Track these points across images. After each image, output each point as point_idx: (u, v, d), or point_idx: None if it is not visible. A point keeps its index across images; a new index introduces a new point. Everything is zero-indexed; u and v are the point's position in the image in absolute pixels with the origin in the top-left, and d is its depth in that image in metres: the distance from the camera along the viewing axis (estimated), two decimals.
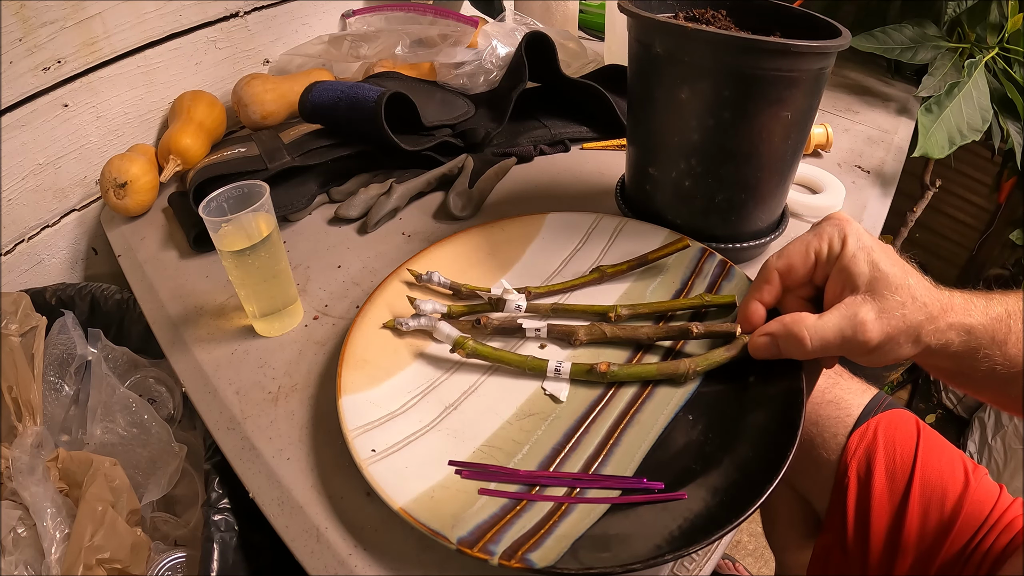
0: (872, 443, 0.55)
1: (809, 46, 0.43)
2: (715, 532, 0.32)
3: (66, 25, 0.62)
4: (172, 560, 0.44)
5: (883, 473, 0.53)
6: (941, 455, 0.54)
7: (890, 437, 0.55)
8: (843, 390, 0.59)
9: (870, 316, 0.37)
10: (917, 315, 0.37)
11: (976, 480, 0.52)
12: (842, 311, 0.38)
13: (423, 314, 0.47)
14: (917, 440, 0.54)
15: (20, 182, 0.63)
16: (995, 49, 0.74)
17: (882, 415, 0.57)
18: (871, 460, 0.54)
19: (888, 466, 0.53)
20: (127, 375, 0.57)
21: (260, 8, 0.79)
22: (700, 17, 0.53)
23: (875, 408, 0.58)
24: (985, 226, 1.33)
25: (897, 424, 0.56)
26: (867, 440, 0.55)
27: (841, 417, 0.57)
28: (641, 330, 0.47)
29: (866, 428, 0.56)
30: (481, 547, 0.33)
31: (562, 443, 0.41)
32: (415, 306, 0.48)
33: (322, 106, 0.66)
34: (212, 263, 0.60)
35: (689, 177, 0.51)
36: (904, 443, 0.54)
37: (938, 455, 0.53)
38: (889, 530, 0.52)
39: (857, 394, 0.59)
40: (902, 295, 0.37)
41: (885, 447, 0.54)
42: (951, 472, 0.52)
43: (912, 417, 0.57)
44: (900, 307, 0.37)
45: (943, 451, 0.54)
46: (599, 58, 0.89)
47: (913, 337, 0.37)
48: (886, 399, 0.59)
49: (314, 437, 0.43)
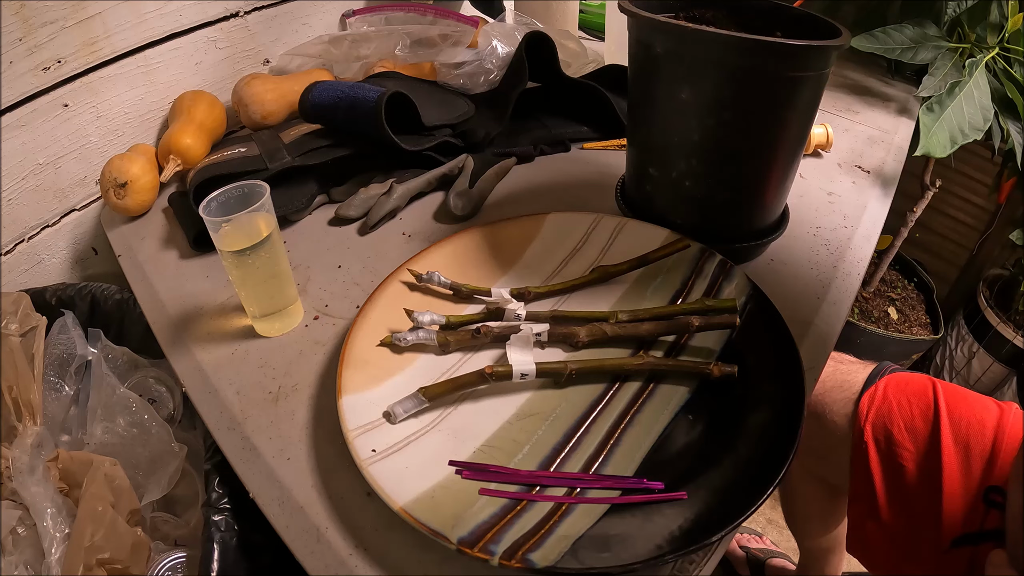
0: (883, 402, 0.54)
1: (809, 46, 0.43)
2: (715, 532, 0.32)
3: (66, 25, 0.62)
4: (172, 560, 0.44)
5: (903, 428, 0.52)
6: (967, 396, 0.52)
7: (902, 392, 0.54)
8: (844, 373, 0.59)
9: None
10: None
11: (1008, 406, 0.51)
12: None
13: (421, 326, 0.47)
14: (934, 388, 0.53)
15: (20, 182, 0.63)
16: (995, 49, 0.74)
17: (889, 376, 0.56)
18: (886, 419, 0.53)
19: (906, 420, 0.52)
20: (127, 375, 0.57)
21: (260, 8, 0.79)
22: (700, 17, 0.53)
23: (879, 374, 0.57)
24: (985, 226, 1.33)
25: (907, 380, 0.54)
26: (877, 401, 0.54)
27: (847, 396, 0.57)
28: (642, 327, 0.47)
29: (874, 390, 0.55)
30: (481, 547, 0.33)
31: (562, 443, 0.41)
32: (413, 318, 0.47)
33: (322, 106, 0.66)
34: (212, 263, 0.60)
35: (689, 177, 0.51)
36: (919, 393, 0.53)
37: (963, 397, 0.52)
38: (928, 482, 0.50)
39: (859, 371, 0.59)
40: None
41: (898, 403, 0.53)
42: (982, 406, 0.51)
43: (923, 376, 0.56)
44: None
45: (965, 393, 0.53)
46: (599, 58, 0.89)
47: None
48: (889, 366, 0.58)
49: (314, 437, 0.43)
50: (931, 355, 1.44)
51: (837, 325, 0.50)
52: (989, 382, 1.27)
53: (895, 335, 1.24)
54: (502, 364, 0.44)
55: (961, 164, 1.28)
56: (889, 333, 1.23)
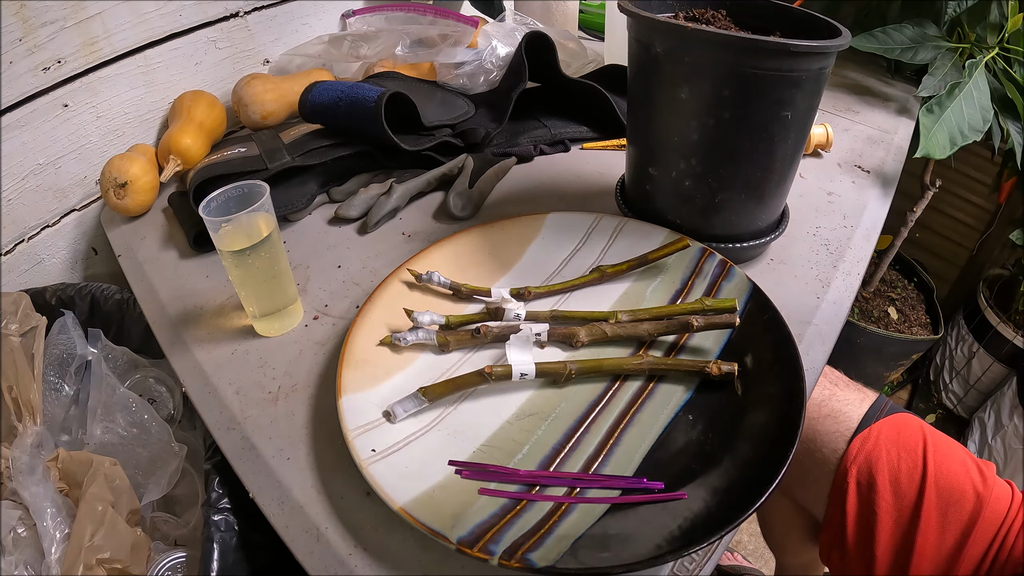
0: (874, 449, 0.54)
1: (809, 46, 0.43)
2: (715, 532, 0.32)
3: (66, 25, 0.62)
4: (172, 560, 0.44)
5: (887, 480, 0.53)
6: (952, 458, 0.53)
7: (893, 443, 0.54)
8: (840, 402, 0.58)
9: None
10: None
11: (990, 479, 0.51)
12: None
13: (421, 326, 0.47)
14: (924, 445, 0.53)
15: (20, 182, 0.63)
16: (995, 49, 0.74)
17: (884, 420, 0.56)
18: (873, 467, 0.53)
19: (892, 473, 0.53)
20: (127, 375, 0.57)
21: (260, 8, 0.79)
22: (700, 17, 0.53)
23: (875, 415, 0.57)
24: (985, 226, 1.33)
25: (900, 429, 0.55)
26: (868, 446, 0.54)
27: (840, 431, 0.57)
28: (642, 327, 0.47)
29: (867, 434, 0.55)
30: (481, 547, 0.33)
31: (562, 443, 0.41)
32: (413, 319, 0.47)
33: (322, 106, 0.66)
34: (212, 263, 0.60)
35: (689, 177, 0.51)
36: (910, 449, 0.53)
37: (949, 458, 0.53)
38: (900, 537, 0.51)
39: (855, 404, 0.58)
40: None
41: (888, 454, 0.53)
42: (964, 474, 0.52)
43: (916, 421, 0.56)
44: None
45: (953, 453, 0.53)
46: (599, 58, 0.89)
47: None
48: (887, 404, 0.58)
49: (314, 437, 0.43)
50: (931, 355, 1.44)
51: (837, 325, 0.50)
52: (989, 382, 1.27)
53: (895, 335, 1.24)
54: (502, 364, 0.44)
55: (961, 164, 1.29)
56: (889, 333, 1.23)
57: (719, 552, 0.37)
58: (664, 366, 0.44)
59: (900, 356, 1.29)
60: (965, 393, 1.32)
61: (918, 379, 1.48)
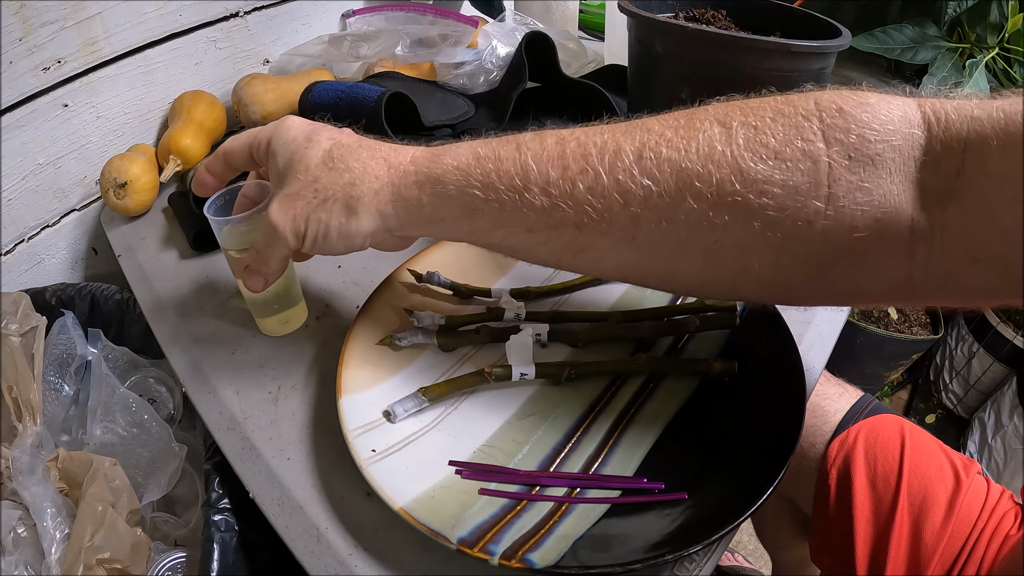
0: (852, 451, 0.54)
1: (809, 46, 0.43)
2: (715, 532, 0.32)
3: (66, 25, 0.62)
4: (172, 560, 0.44)
5: (864, 482, 0.53)
6: (929, 459, 0.53)
7: (871, 444, 0.54)
8: (821, 397, 0.58)
9: (273, 207, 0.37)
10: (335, 183, 0.35)
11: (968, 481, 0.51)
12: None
13: (421, 326, 0.47)
14: (902, 447, 0.53)
15: (20, 182, 0.63)
16: (995, 49, 0.74)
17: (864, 422, 0.56)
18: (850, 469, 0.53)
19: (869, 474, 0.53)
20: (127, 375, 0.57)
21: (260, 8, 0.79)
22: (700, 17, 0.53)
23: (857, 414, 0.57)
24: None
25: (879, 431, 0.55)
26: (847, 448, 0.54)
27: (819, 425, 0.57)
28: (642, 327, 0.47)
29: (846, 435, 0.55)
30: (481, 547, 0.33)
31: (562, 443, 0.41)
32: (413, 318, 0.47)
33: (322, 106, 0.66)
34: (212, 263, 0.60)
35: None
36: (887, 450, 0.53)
37: (926, 460, 0.53)
38: (876, 539, 0.52)
39: (835, 399, 0.58)
40: (317, 171, 0.36)
41: (866, 455, 0.53)
42: (940, 476, 0.52)
43: (897, 421, 0.56)
44: (310, 184, 0.36)
45: (931, 455, 0.53)
46: (599, 58, 0.89)
47: (345, 208, 0.35)
48: (870, 403, 0.58)
49: (314, 437, 0.43)
50: (931, 355, 1.44)
51: (837, 325, 0.50)
52: (989, 382, 1.27)
53: (895, 335, 1.24)
54: (502, 364, 0.44)
55: None
56: (889, 333, 1.23)
57: (719, 552, 0.37)
58: (664, 366, 0.44)
59: (900, 356, 1.29)
60: (965, 393, 1.32)
61: (918, 379, 1.48)
